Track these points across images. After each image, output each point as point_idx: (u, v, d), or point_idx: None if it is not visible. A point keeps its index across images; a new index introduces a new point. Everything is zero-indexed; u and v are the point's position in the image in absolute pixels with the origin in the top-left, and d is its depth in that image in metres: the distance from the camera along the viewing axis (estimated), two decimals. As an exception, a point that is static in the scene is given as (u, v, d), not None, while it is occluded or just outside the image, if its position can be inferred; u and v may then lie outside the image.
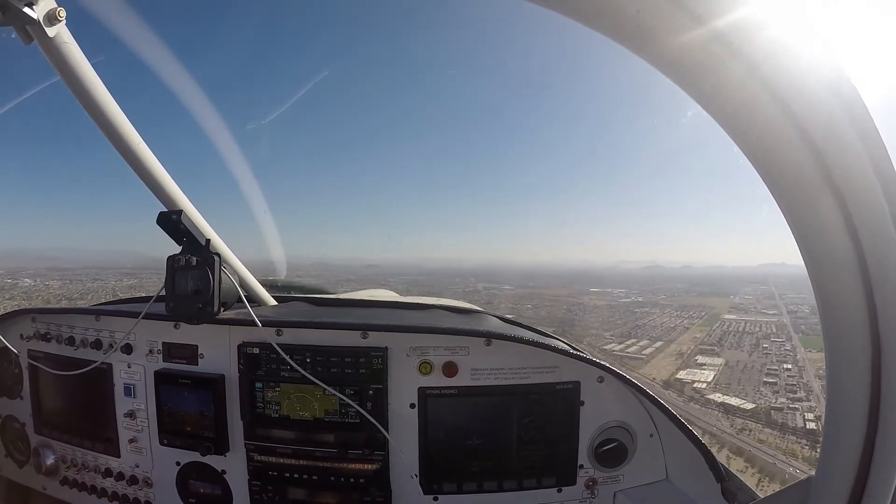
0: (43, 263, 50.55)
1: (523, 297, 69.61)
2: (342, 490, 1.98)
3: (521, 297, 69.50)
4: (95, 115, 1.68)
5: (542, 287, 79.08)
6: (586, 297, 69.22)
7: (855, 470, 0.89)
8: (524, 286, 78.34)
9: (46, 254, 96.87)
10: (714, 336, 50.06)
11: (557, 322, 53.46)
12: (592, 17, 0.74)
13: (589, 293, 71.67)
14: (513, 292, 71.34)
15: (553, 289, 77.34)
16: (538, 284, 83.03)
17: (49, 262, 54.75)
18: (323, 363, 1.93)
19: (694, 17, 0.68)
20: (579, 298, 68.83)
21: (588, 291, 73.42)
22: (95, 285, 32.15)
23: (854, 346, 0.83)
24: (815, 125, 0.73)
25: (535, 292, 72.15)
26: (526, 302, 65.44)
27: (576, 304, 66.70)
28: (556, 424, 1.98)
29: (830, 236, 0.78)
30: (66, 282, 34.33)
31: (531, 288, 77.29)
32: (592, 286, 76.84)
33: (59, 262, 60.92)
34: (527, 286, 78.57)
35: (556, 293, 73.74)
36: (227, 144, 2.65)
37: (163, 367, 2.10)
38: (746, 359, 43.89)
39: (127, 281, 31.59)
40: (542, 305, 64.94)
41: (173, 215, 1.78)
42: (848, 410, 0.88)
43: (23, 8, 1.34)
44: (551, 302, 67.86)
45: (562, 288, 78.62)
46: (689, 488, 1.96)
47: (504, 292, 69.33)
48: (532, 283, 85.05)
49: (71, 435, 2.26)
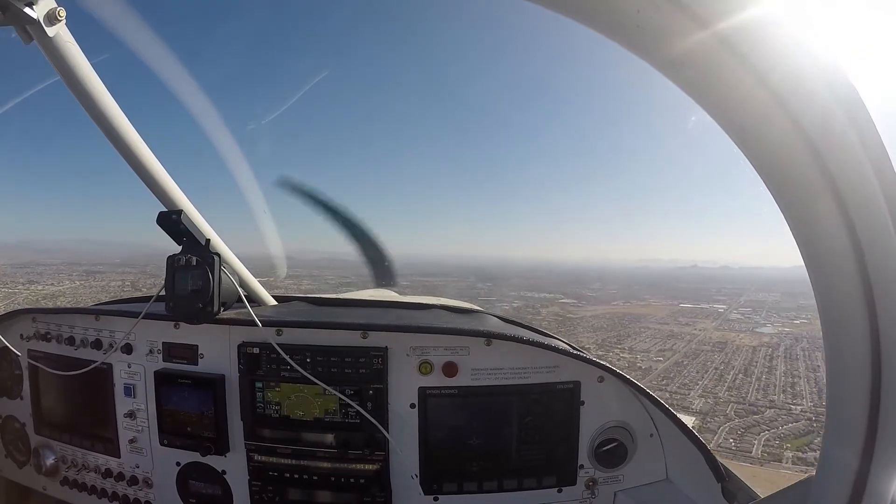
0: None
1: (611, 321, 52.15)
2: (342, 490, 1.98)
3: (607, 320, 51.90)
4: (95, 115, 1.68)
5: (611, 299, 61.18)
6: (700, 324, 50.99)
7: (855, 470, 0.89)
8: (586, 296, 60.68)
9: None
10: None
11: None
12: (592, 17, 0.74)
13: (684, 311, 54.35)
14: (591, 313, 54.21)
15: (635, 304, 58.76)
16: (603, 295, 64.04)
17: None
18: (323, 363, 1.93)
19: (694, 17, 0.68)
20: (699, 329, 49.33)
21: (681, 309, 56.39)
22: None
23: (854, 345, 0.83)
24: (815, 125, 0.73)
25: (614, 311, 54.29)
26: (627, 337, 48.97)
27: (714, 343, 46.06)
28: (556, 424, 1.98)
29: (830, 236, 0.78)
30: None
31: (604, 303, 59.33)
32: (658, 295, 60.22)
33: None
34: (591, 297, 61.08)
35: (647, 311, 56.21)
36: (228, 144, 2.66)
37: (163, 367, 2.10)
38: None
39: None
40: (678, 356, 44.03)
41: (173, 215, 1.78)
42: (848, 410, 0.88)
43: (23, 8, 1.34)
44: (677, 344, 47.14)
45: (640, 303, 58.83)
46: (689, 488, 1.96)
47: (582, 313, 53.28)
48: (590, 290, 66.36)
49: (71, 435, 2.26)
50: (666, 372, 41.91)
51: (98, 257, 58.21)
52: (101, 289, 35.72)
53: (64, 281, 35.78)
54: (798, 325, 50.25)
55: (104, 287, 36.10)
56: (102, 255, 59.20)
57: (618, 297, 65.73)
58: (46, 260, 45.86)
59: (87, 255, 55.82)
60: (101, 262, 45.21)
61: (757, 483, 1.68)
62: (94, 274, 40.66)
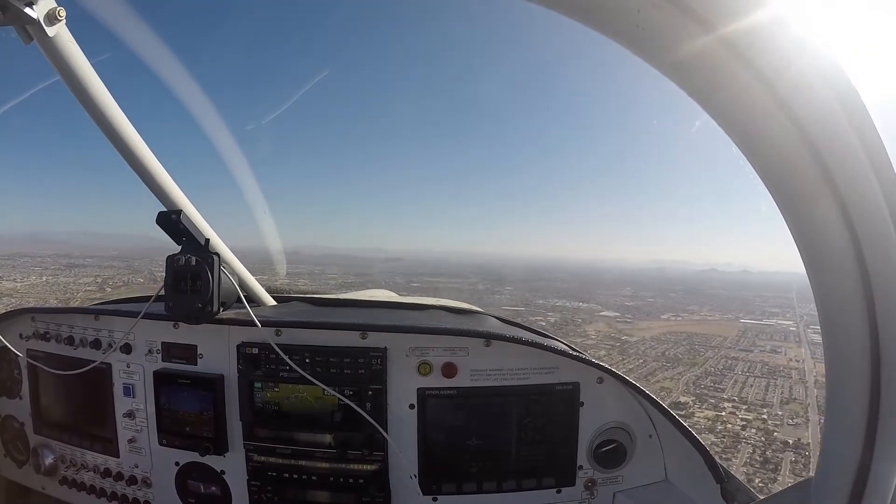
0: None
1: (677, 345, 40.23)
2: (341, 490, 1.98)
3: (673, 344, 40.23)
4: (95, 115, 1.68)
5: (656, 310, 49.58)
6: (790, 350, 39.91)
7: (855, 470, 0.89)
8: (626, 306, 49.24)
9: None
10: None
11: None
12: (593, 17, 0.74)
13: (750, 328, 43.11)
14: (648, 332, 42.55)
15: (687, 318, 47.35)
16: (644, 305, 52.11)
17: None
18: (322, 363, 1.93)
19: (694, 17, 0.68)
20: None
21: (745, 326, 45.09)
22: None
23: (853, 345, 0.83)
24: (815, 125, 0.73)
25: (670, 328, 41.22)
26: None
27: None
28: (555, 425, 1.98)
29: (830, 236, 0.78)
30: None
31: (652, 316, 47.56)
32: (704, 306, 47.95)
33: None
34: (631, 307, 49.83)
35: (709, 330, 44.23)
36: (227, 144, 2.66)
37: (162, 367, 2.09)
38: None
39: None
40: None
41: (172, 215, 1.78)
42: (848, 410, 0.88)
43: (23, 8, 1.34)
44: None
45: (692, 317, 46.49)
46: (689, 489, 1.96)
47: (637, 332, 42.24)
48: (627, 299, 54.55)
49: (70, 435, 2.26)
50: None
51: (94, 250, 55.45)
52: (63, 286, 33.03)
53: (31, 276, 33.98)
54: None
55: (68, 285, 33.24)
56: (100, 248, 56.52)
57: (660, 307, 55.83)
58: (36, 251, 43.44)
59: (88, 247, 53.30)
60: (94, 254, 43.30)
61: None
62: (76, 268, 37.64)
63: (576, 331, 40.63)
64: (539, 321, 39.00)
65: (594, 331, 43.95)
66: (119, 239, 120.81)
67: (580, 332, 42.47)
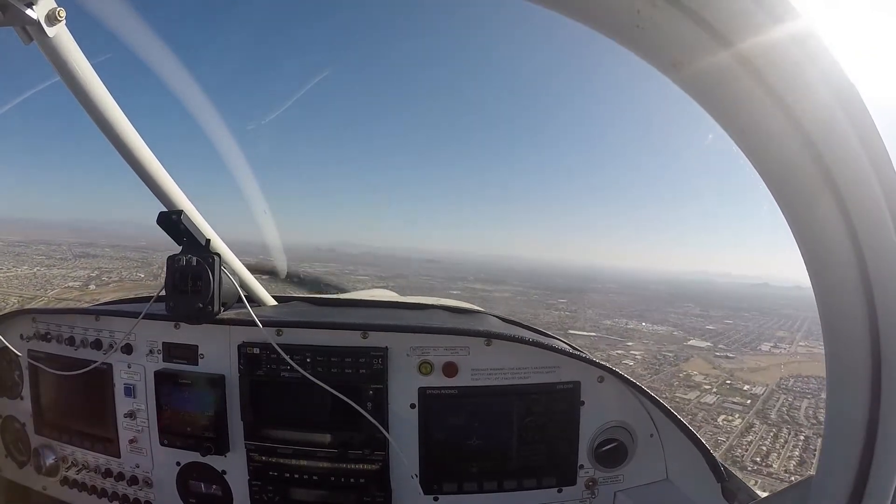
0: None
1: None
2: (342, 490, 1.98)
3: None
4: (95, 115, 1.68)
5: (749, 338, 38.76)
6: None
7: (855, 470, 0.89)
8: (706, 330, 39.82)
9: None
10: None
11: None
12: (593, 17, 0.74)
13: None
14: (762, 375, 29.85)
15: (791, 352, 35.41)
16: (724, 328, 41.17)
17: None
18: (323, 363, 1.93)
19: (694, 18, 0.68)
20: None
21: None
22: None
23: (854, 345, 0.83)
24: (815, 125, 0.73)
25: (789, 367, 29.23)
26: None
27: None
28: (556, 424, 1.98)
29: (830, 236, 0.78)
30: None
31: (750, 348, 37.10)
32: (796, 332, 38.54)
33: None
34: (711, 331, 39.95)
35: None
36: (227, 144, 2.65)
37: (163, 368, 2.10)
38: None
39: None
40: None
41: (173, 215, 1.78)
42: (848, 410, 0.88)
43: (23, 8, 1.34)
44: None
45: (794, 350, 35.80)
46: (690, 488, 1.96)
47: (749, 376, 28.98)
48: (699, 318, 42.47)
49: (71, 435, 2.26)
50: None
51: (98, 238, 52.88)
52: (45, 279, 31.20)
53: (24, 265, 32.74)
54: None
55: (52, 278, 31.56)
56: (106, 237, 53.86)
57: (747, 332, 43.61)
58: (52, 238, 41.10)
59: (106, 235, 49.57)
60: (92, 243, 41.09)
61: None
62: (81, 257, 36.63)
63: (677, 374, 29.92)
64: (625, 361, 30.28)
65: (697, 371, 32.38)
66: (122, 226, 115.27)
67: (682, 375, 30.86)
